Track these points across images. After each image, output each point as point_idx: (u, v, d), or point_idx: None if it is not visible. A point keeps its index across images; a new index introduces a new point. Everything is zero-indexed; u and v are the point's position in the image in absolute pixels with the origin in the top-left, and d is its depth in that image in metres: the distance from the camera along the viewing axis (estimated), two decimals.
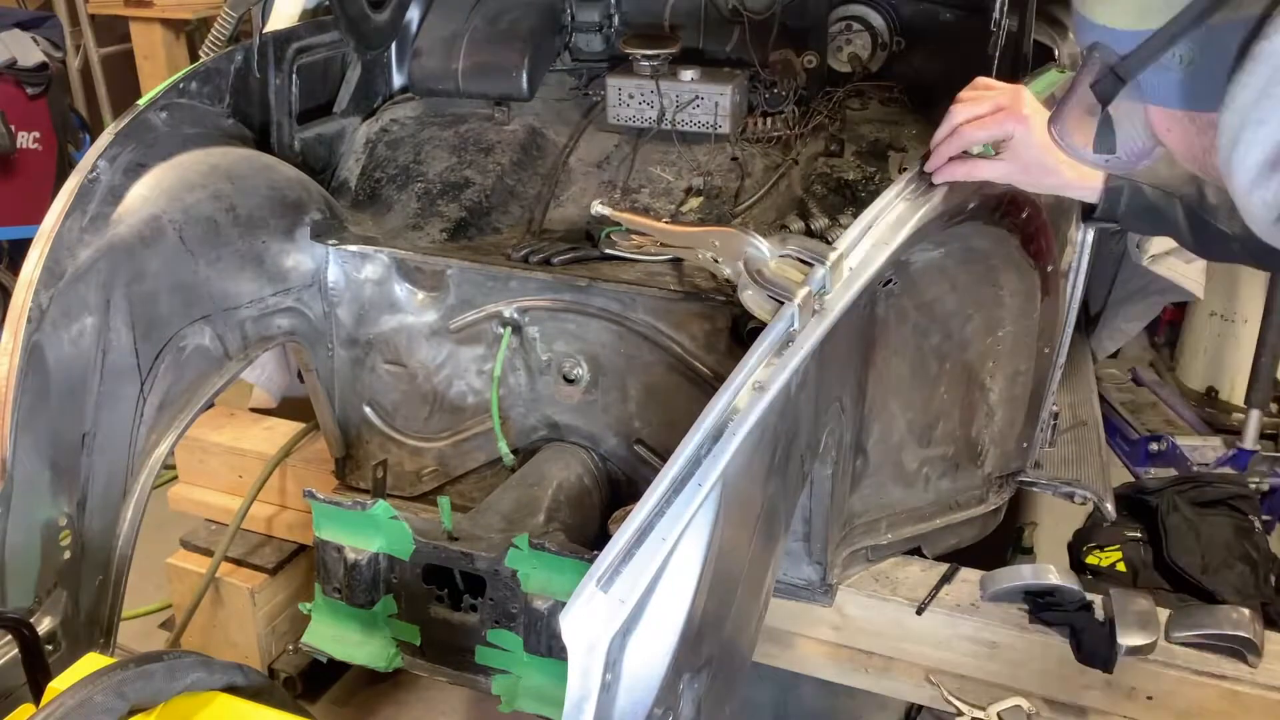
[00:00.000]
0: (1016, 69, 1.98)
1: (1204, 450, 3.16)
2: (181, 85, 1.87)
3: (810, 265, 1.51)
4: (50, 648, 1.52)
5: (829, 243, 1.67)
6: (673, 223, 2.06)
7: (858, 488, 1.91)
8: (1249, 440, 3.08)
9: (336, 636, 1.77)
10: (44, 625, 1.53)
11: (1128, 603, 1.84)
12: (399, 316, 2.10)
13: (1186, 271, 2.93)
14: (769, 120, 2.36)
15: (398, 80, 2.53)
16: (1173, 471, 3.04)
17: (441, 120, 2.46)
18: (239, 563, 2.35)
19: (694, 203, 2.24)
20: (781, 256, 1.61)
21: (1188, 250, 1.57)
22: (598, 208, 2.14)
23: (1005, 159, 1.51)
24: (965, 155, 1.54)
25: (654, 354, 1.93)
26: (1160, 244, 2.84)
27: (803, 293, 1.38)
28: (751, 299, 1.58)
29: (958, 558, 2.06)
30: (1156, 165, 1.02)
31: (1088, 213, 1.59)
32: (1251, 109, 0.80)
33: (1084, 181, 1.51)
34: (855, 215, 1.69)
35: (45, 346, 1.54)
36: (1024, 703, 1.86)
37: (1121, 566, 2.36)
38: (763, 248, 1.63)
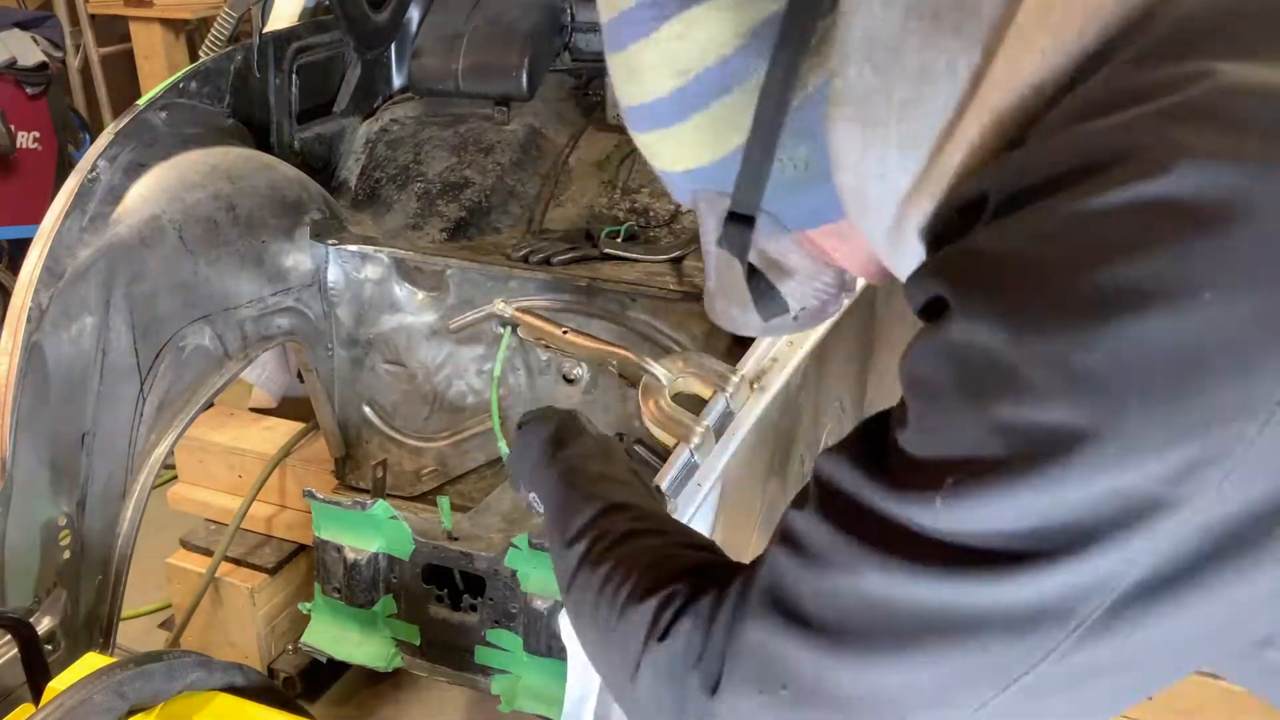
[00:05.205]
0: None
1: None
2: (181, 85, 1.87)
3: (714, 385, 1.40)
4: (50, 647, 1.52)
5: None
6: (575, 333, 1.81)
7: None
8: None
9: (336, 636, 1.77)
10: (44, 625, 1.53)
11: None
12: (399, 316, 2.10)
13: None
14: None
15: (398, 80, 2.53)
16: None
17: (441, 120, 2.46)
18: (239, 563, 2.35)
19: None
20: (681, 380, 1.48)
21: None
22: (500, 307, 1.90)
23: None
24: None
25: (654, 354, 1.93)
26: None
27: (699, 431, 1.31)
28: (655, 428, 1.45)
29: None
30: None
31: None
32: (857, 171, 0.63)
33: None
34: None
35: (45, 346, 1.54)
36: None
37: None
38: (659, 375, 1.50)
